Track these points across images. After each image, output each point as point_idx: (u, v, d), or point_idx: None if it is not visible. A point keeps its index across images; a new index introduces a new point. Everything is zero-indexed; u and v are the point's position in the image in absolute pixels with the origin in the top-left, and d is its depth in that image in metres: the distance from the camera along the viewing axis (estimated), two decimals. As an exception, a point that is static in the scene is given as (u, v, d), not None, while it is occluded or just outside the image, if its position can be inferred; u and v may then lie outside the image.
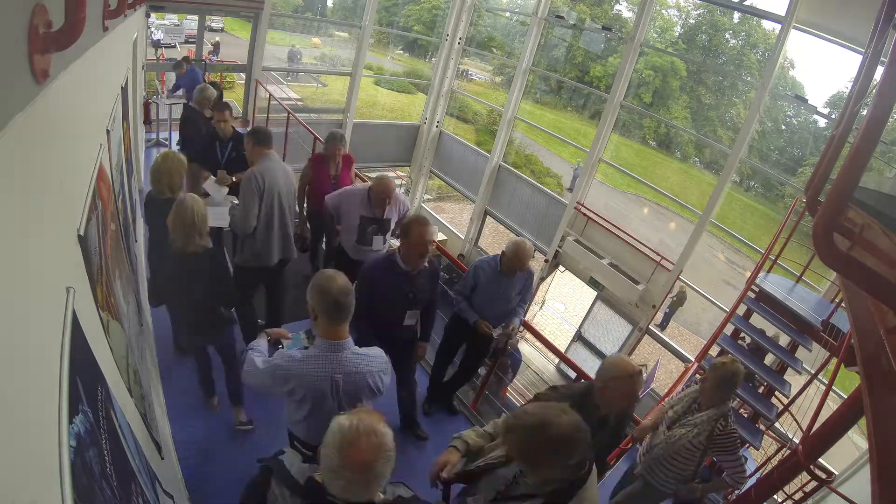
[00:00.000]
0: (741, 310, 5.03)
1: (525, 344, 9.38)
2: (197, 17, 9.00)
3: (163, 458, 2.05)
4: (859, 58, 4.90)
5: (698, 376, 2.52)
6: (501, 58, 15.39)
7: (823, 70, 12.78)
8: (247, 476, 1.42)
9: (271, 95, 7.59)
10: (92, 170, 1.49)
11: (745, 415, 4.71)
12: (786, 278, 5.63)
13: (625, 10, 15.28)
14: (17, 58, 0.79)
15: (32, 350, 0.79)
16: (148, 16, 6.87)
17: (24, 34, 0.79)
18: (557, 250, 8.54)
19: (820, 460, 3.50)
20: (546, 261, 8.83)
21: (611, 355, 2.15)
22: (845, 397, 3.40)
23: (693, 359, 5.02)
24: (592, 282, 8.31)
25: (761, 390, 4.98)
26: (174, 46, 14.74)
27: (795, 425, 4.32)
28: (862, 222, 1.88)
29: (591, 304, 10.27)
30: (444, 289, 3.52)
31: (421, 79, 15.76)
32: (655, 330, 8.14)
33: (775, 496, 3.87)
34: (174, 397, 2.95)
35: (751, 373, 4.82)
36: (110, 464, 1.06)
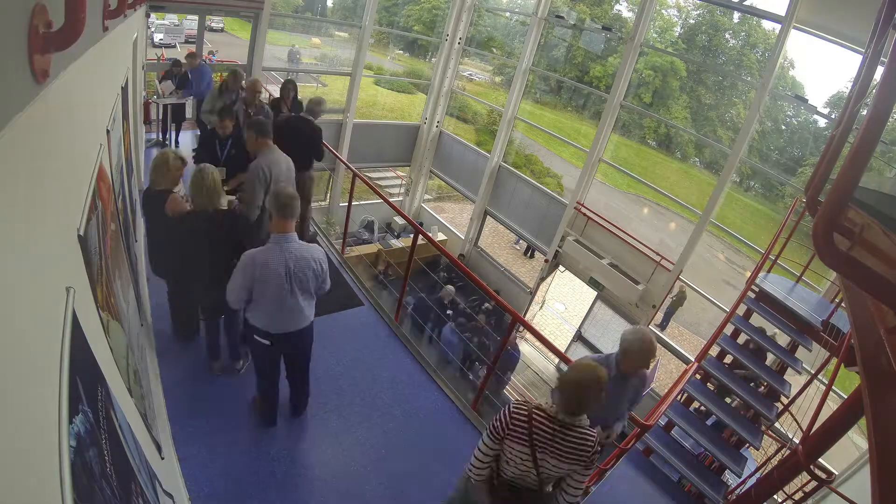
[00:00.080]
0: (741, 310, 5.04)
1: (525, 344, 9.38)
2: (197, 17, 9.00)
3: (163, 458, 2.05)
4: (859, 58, 4.90)
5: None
6: (501, 58, 15.39)
7: (823, 70, 12.79)
8: (247, 476, 1.42)
9: (271, 95, 7.59)
10: (92, 170, 1.49)
11: (745, 415, 4.72)
12: (786, 278, 5.64)
13: (625, 10, 15.28)
14: (17, 58, 0.79)
15: (32, 350, 0.79)
16: (148, 16, 6.87)
17: (24, 34, 0.79)
18: (557, 250, 8.54)
19: (820, 460, 3.51)
20: (546, 261, 8.83)
21: (630, 327, 2.45)
22: (845, 397, 3.40)
23: (693, 359, 5.01)
24: (592, 282, 8.31)
25: (761, 390, 4.99)
26: (174, 46, 14.73)
27: (795, 425, 4.32)
28: (862, 222, 1.88)
29: (591, 304, 10.28)
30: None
31: (421, 79, 15.77)
32: (655, 330, 8.14)
33: (775, 496, 3.89)
34: (174, 397, 2.95)
35: (752, 375, 4.83)
36: (110, 464, 1.06)
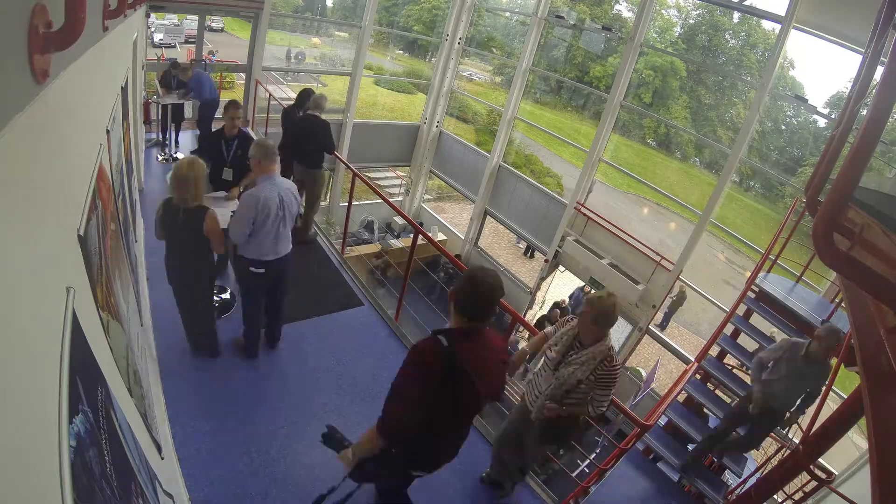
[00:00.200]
0: (741, 310, 5.04)
1: (525, 344, 9.36)
2: (197, 17, 9.00)
3: (163, 458, 2.05)
4: (859, 58, 4.90)
5: (569, 314, 2.67)
6: (501, 58, 15.39)
7: (823, 70, 12.81)
8: (246, 475, 1.42)
9: (271, 95, 7.59)
10: (92, 170, 1.49)
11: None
12: (786, 278, 5.64)
13: (625, 10, 15.30)
14: (17, 58, 0.79)
15: (32, 350, 0.79)
16: (148, 16, 6.87)
17: (24, 34, 0.79)
18: (557, 250, 8.54)
19: (820, 460, 3.51)
20: (546, 261, 8.83)
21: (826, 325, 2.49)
22: (845, 397, 3.40)
23: (693, 359, 5.01)
24: (592, 282, 8.30)
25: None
26: (174, 46, 14.73)
27: (795, 425, 4.32)
28: (862, 222, 1.88)
29: (591, 304, 10.26)
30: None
31: (421, 79, 15.77)
32: (655, 330, 8.13)
33: (775, 496, 3.89)
34: (174, 397, 2.95)
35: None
36: (110, 464, 1.06)
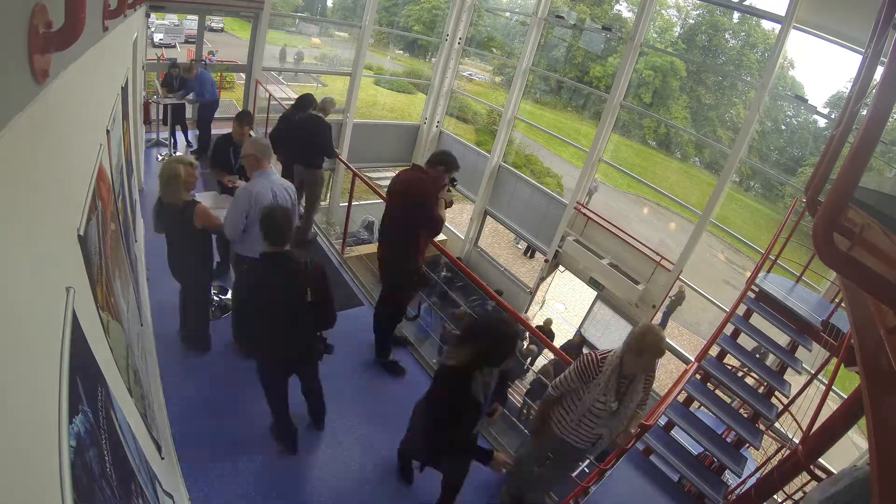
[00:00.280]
0: (741, 310, 5.03)
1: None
2: (197, 17, 9.00)
3: (163, 458, 2.05)
4: (859, 58, 4.90)
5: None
6: (501, 58, 15.39)
7: (823, 70, 12.78)
8: (246, 476, 1.41)
9: (271, 95, 7.59)
10: (92, 170, 1.49)
11: (745, 415, 4.72)
12: (786, 278, 5.63)
13: (625, 10, 15.30)
14: (17, 58, 0.79)
15: (32, 350, 0.79)
16: (148, 16, 6.86)
17: (24, 34, 0.79)
18: (557, 250, 8.54)
19: (820, 460, 3.51)
20: (546, 261, 8.83)
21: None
22: (845, 397, 3.41)
23: (693, 359, 5.01)
24: (592, 282, 8.30)
25: (761, 390, 4.99)
26: (174, 46, 14.73)
27: (795, 425, 4.33)
28: (862, 222, 1.88)
29: (591, 304, 10.27)
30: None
31: (421, 79, 15.77)
32: (655, 330, 8.13)
33: (775, 496, 3.88)
34: (174, 397, 2.95)
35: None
36: (110, 464, 1.06)
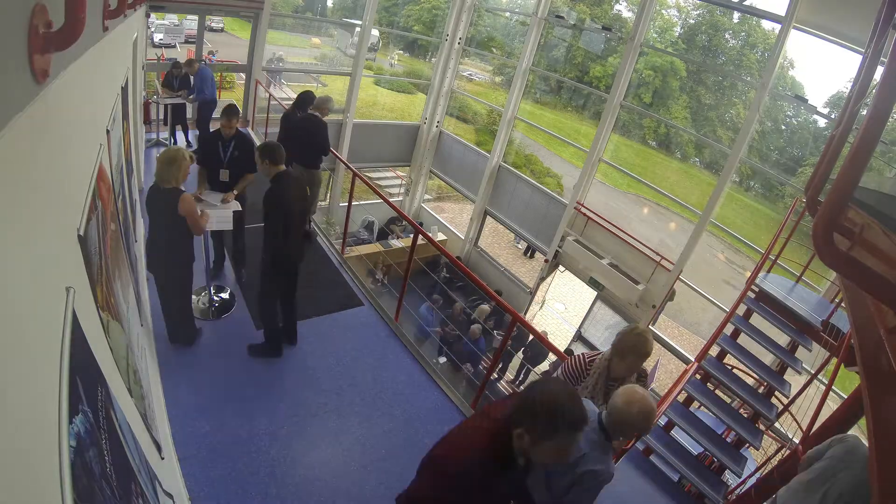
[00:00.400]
0: (741, 310, 5.03)
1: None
2: (197, 17, 9.00)
3: (163, 458, 2.05)
4: (859, 58, 4.90)
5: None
6: (501, 58, 15.39)
7: (823, 70, 12.74)
8: (246, 476, 1.41)
9: (271, 95, 7.60)
10: (92, 170, 1.49)
11: (745, 415, 4.72)
12: (786, 278, 5.63)
13: (625, 10, 15.28)
14: (17, 58, 0.79)
15: (32, 350, 0.79)
16: (148, 16, 6.87)
17: (24, 34, 0.79)
18: (557, 250, 8.54)
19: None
20: (546, 261, 8.83)
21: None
22: (845, 397, 3.41)
23: (693, 359, 5.01)
24: (592, 282, 8.31)
25: (761, 390, 4.98)
26: (174, 46, 14.73)
27: (795, 425, 4.33)
28: (862, 222, 1.88)
29: (591, 304, 10.27)
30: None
31: (421, 79, 15.76)
32: (655, 330, 8.13)
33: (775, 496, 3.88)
34: (174, 397, 2.95)
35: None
36: (110, 464, 1.06)
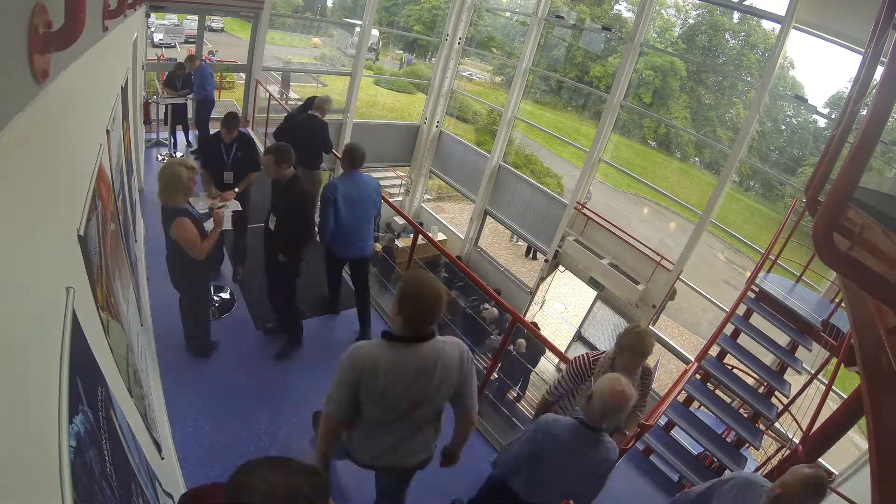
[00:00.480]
0: (741, 310, 5.03)
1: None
2: (197, 17, 9.00)
3: (163, 458, 2.05)
4: (859, 58, 4.89)
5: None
6: (501, 58, 15.39)
7: (823, 70, 12.77)
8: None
9: (271, 95, 7.60)
10: (92, 170, 1.49)
11: (745, 415, 4.72)
12: (786, 278, 5.63)
13: (625, 10, 15.29)
14: (17, 58, 0.79)
15: (32, 350, 0.79)
16: (148, 16, 6.87)
17: (24, 34, 0.79)
18: (557, 250, 8.54)
19: (820, 460, 3.51)
20: (546, 261, 8.83)
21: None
22: (845, 397, 3.41)
23: (693, 359, 5.01)
24: (592, 282, 8.30)
25: (761, 390, 4.98)
26: (174, 46, 14.73)
27: (795, 425, 4.32)
28: (862, 222, 1.88)
29: (591, 304, 10.27)
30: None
31: (421, 79, 15.77)
32: (656, 330, 8.13)
33: (775, 496, 3.87)
34: (174, 397, 2.95)
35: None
36: (110, 464, 1.06)
